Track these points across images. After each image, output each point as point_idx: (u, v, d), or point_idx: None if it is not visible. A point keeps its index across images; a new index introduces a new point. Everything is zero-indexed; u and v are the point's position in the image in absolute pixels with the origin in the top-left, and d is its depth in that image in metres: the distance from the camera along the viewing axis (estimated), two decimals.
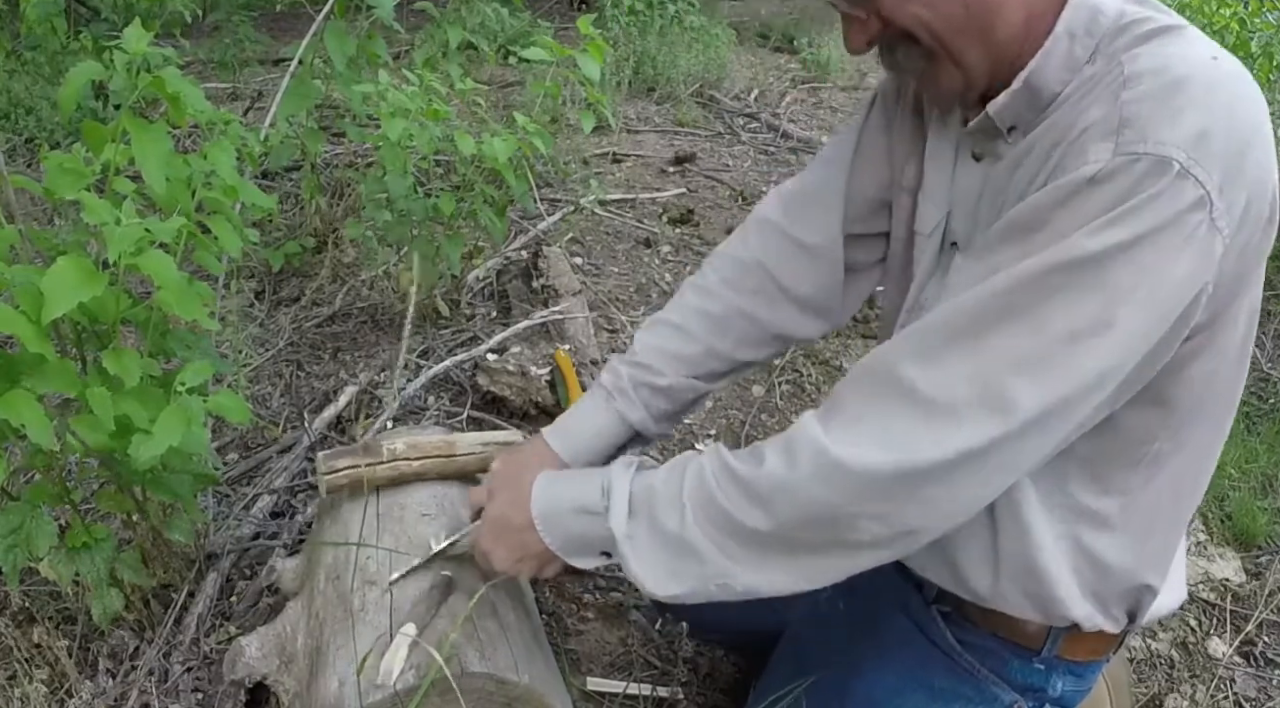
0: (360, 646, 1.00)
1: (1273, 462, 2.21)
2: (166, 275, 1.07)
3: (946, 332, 0.79)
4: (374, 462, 1.22)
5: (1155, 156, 0.71)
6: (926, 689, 1.04)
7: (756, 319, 1.17)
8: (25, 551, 1.17)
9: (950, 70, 0.85)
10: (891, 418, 0.79)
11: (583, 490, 0.96)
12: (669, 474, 0.92)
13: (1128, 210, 0.72)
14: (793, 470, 0.82)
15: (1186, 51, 0.77)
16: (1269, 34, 4.42)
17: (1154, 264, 0.73)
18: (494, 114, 3.08)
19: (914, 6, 0.81)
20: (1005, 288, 0.76)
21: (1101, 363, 0.76)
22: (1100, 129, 0.75)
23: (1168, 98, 0.73)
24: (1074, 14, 0.82)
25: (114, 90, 1.38)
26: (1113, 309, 0.74)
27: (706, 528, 0.87)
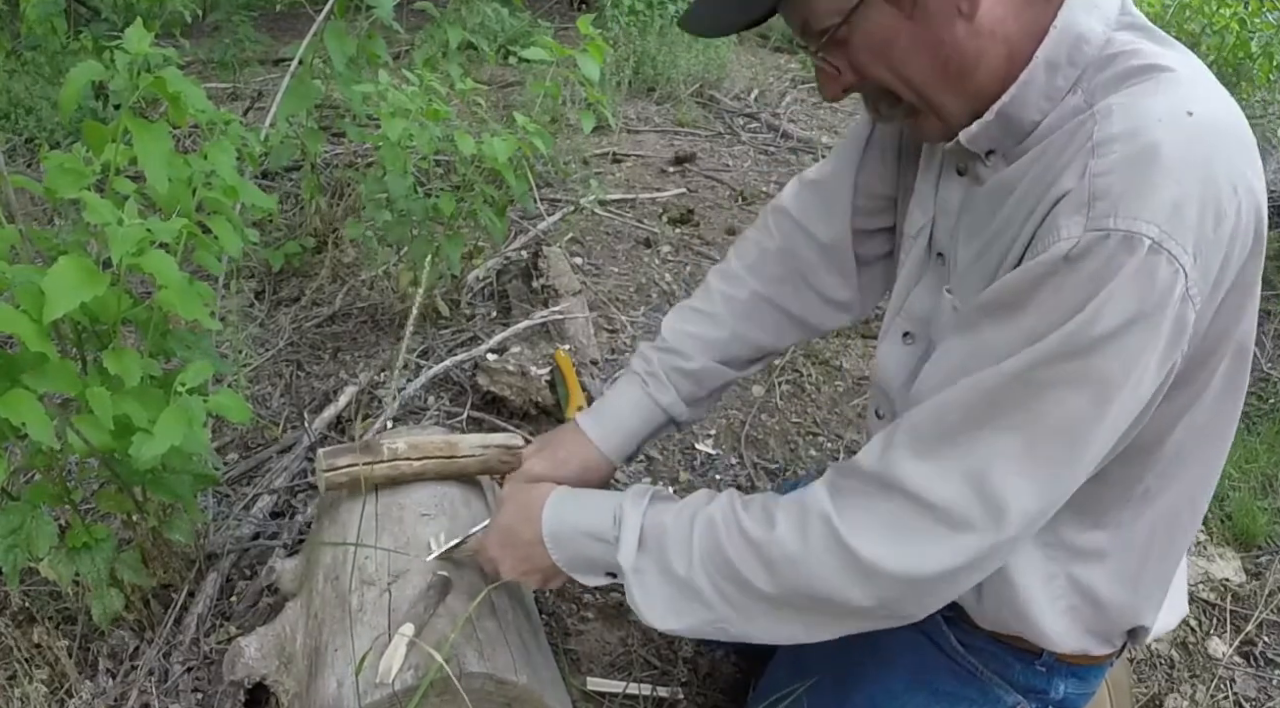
0: (359, 646, 1.00)
1: (1273, 462, 2.21)
2: (168, 275, 1.07)
3: (941, 429, 0.79)
4: (374, 461, 1.22)
5: (1125, 233, 0.70)
6: (929, 691, 1.04)
7: (781, 306, 1.19)
8: (25, 551, 1.17)
9: (932, 119, 0.85)
10: (896, 516, 0.79)
11: (594, 516, 0.96)
12: (680, 516, 0.92)
13: (1104, 296, 0.70)
14: (803, 545, 0.83)
15: (1161, 108, 0.73)
16: (1269, 34, 4.42)
17: (1138, 349, 0.72)
18: (494, 114, 3.08)
19: (887, 59, 0.80)
20: (995, 385, 0.76)
21: (1093, 451, 0.76)
22: (1072, 201, 0.73)
23: (1138, 169, 0.71)
24: (1055, 44, 0.79)
25: (114, 90, 1.38)
26: (1103, 401, 0.74)
27: (713, 576, 0.88)
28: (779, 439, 2.17)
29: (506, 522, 1.03)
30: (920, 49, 0.79)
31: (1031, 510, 0.77)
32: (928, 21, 0.78)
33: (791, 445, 2.16)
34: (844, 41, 0.81)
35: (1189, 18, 4.75)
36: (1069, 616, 0.94)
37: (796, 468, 2.09)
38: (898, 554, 0.79)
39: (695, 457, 2.08)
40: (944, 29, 0.78)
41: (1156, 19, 4.77)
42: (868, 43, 0.80)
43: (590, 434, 1.15)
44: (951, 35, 0.78)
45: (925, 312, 0.98)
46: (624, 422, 1.16)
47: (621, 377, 1.20)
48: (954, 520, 0.77)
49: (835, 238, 1.14)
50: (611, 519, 0.95)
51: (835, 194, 1.13)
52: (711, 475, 2.04)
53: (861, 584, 0.81)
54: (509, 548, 1.02)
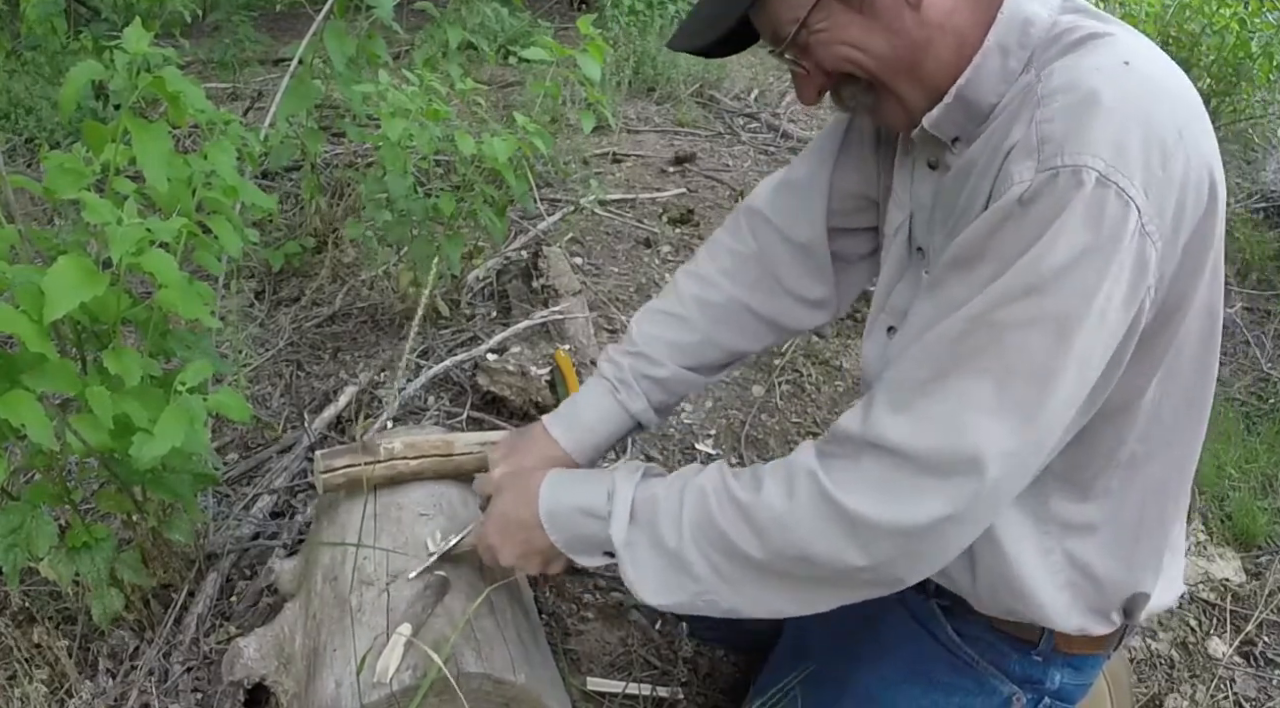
0: (358, 646, 1.01)
1: (1273, 462, 2.21)
2: (168, 275, 1.07)
3: (913, 382, 0.81)
4: (372, 461, 1.22)
5: (1072, 166, 0.73)
6: (925, 681, 1.04)
7: (755, 311, 1.19)
8: (25, 551, 1.18)
9: (890, 103, 0.88)
10: (882, 472, 0.81)
11: (588, 493, 0.97)
12: (671, 487, 0.93)
13: (1055, 230, 0.73)
14: (790, 503, 0.84)
15: (1100, 61, 0.78)
16: (1269, 34, 4.42)
17: (1095, 282, 0.74)
18: (494, 114, 3.08)
19: (843, 49, 0.85)
20: (959, 331, 0.78)
21: (1063, 392, 0.77)
22: (1021, 149, 0.77)
23: (1080, 110, 0.75)
24: (1004, 28, 0.83)
25: (114, 90, 1.38)
26: (1065, 336, 0.75)
27: (703, 546, 0.89)
28: (779, 439, 2.17)
29: (503, 507, 1.03)
30: (872, 39, 0.84)
31: (1009, 453, 0.78)
32: (876, 15, 0.83)
33: (791, 445, 2.16)
34: (805, 44, 0.86)
35: (1189, 18, 4.74)
36: (1069, 591, 0.95)
37: None
38: (885, 507, 0.80)
39: (695, 457, 2.08)
40: (893, 20, 0.83)
41: (1156, 19, 4.77)
42: (825, 40, 0.85)
43: (561, 441, 1.14)
44: (900, 25, 0.83)
45: (908, 306, 0.98)
46: (593, 429, 1.15)
47: (590, 381, 1.19)
48: (935, 469, 0.78)
49: (812, 239, 1.15)
50: (605, 496, 0.95)
51: (811, 195, 1.14)
52: None
53: (850, 540, 0.81)
54: (508, 533, 1.02)
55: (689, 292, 1.20)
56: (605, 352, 1.21)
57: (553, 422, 1.16)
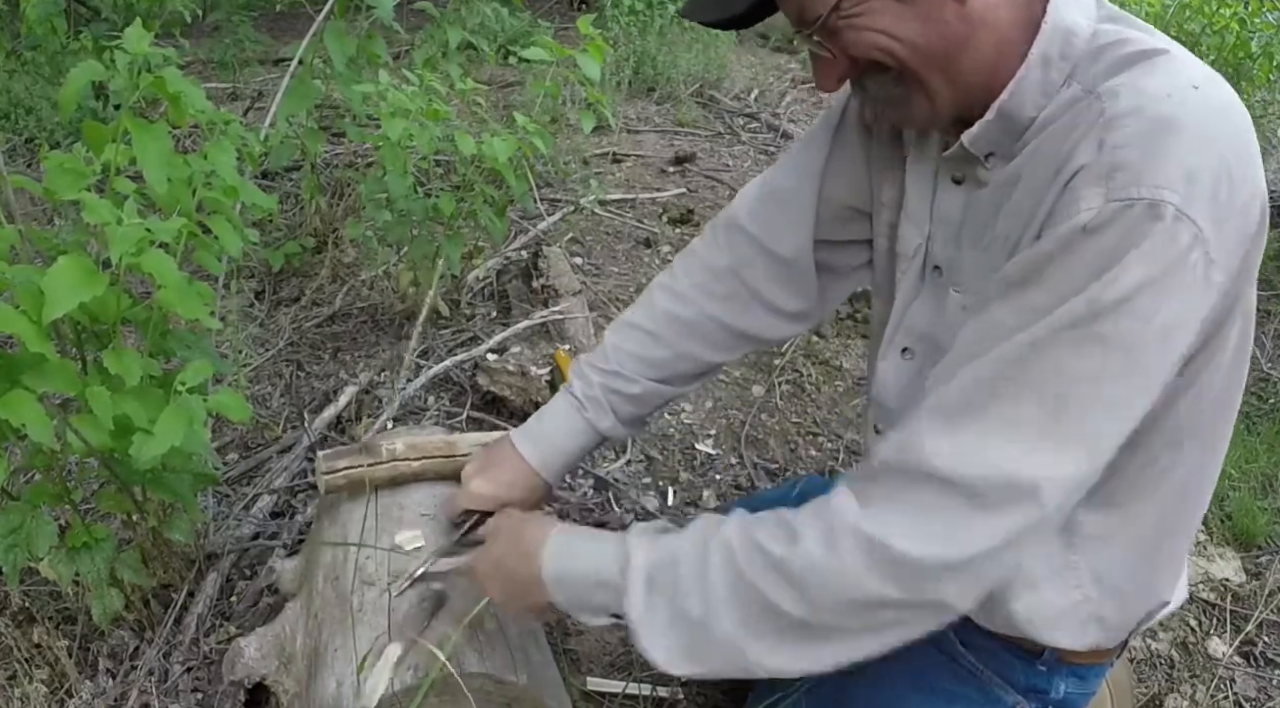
0: (359, 647, 1.00)
1: (1273, 462, 2.21)
2: (168, 275, 1.07)
3: (965, 407, 0.77)
4: (373, 462, 1.22)
5: (1149, 201, 0.70)
6: (928, 690, 1.03)
7: (728, 325, 1.16)
8: (25, 551, 1.17)
9: (919, 98, 0.84)
10: (926, 503, 0.77)
11: (599, 561, 0.91)
12: (692, 546, 0.87)
13: (1128, 261, 0.71)
14: (832, 553, 0.78)
15: (1168, 84, 0.75)
16: (1269, 34, 4.42)
17: (1158, 310, 0.72)
18: (494, 114, 3.08)
19: (875, 37, 0.80)
20: (1016, 356, 0.75)
21: (1121, 417, 0.75)
22: (1090, 174, 0.73)
23: (1155, 139, 0.72)
24: (1048, 40, 0.80)
25: (114, 90, 1.38)
26: (1128, 364, 0.73)
27: (735, 609, 0.82)
28: (779, 439, 2.17)
29: (500, 555, 0.99)
30: (909, 29, 0.79)
31: (1067, 479, 0.75)
32: (916, 3, 0.79)
33: (791, 445, 2.16)
34: (835, 28, 0.81)
35: (1189, 18, 4.75)
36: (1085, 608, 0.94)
37: (796, 468, 2.09)
38: (931, 541, 0.75)
39: (695, 457, 2.08)
40: (933, 10, 0.79)
41: (1156, 19, 4.77)
42: (858, 26, 0.80)
43: (528, 458, 1.13)
44: (941, 16, 0.79)
45: (924, 326, 0.97)
46: (561, 447, 1.15)
47: (558, 396, 1.18)
48: (986, 499, 0.75)
49: (796, 252, 1.12)
50: (618, 567, 0.89)
51: (797, 207, 1.11)
52: (711, 475, 2.04)
53: (896, 580, 0.77)
54: (504, 583, 0.99)
55: (661, 306, 1.18)
56: (577, 363, 1.20)
57: (521, 438, 1.15)
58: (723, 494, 1.98)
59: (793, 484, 1.40)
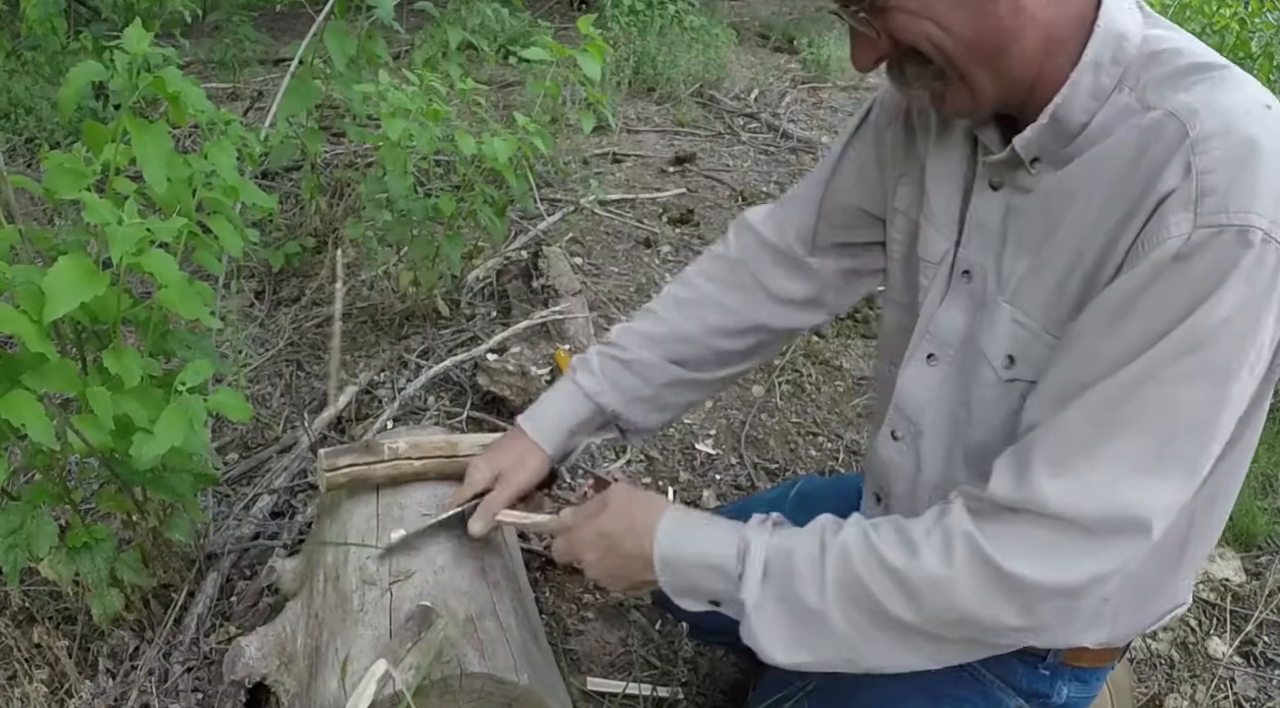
0: (359, 647, 1.00)
1: (1273, 462, 2.21)
2: (168, 275, 1.07)
3: (1072, 445, 0.78)
4: (374, 461, 1.22)
5: (1239, 227, 0.71)
6: (930, 694, 1.03)
7: (729, 308, 1.18)
8: (25, 550, 1.17)
9: (959, 90, 0.83)
10: (1043, 537, 0.79)
11: (716, 546, 0.93)
12: (808, 544, 0.89)
13: (1223, 289, 0.71)
14: (949, 568, 0.81)
15: (1243, 101, 0.75)
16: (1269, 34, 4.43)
17: (1252, 331, 0.73)
18: (494, 114, 3.08)
19: (926, 26, 0.79)
20: (1119, 392, 0.76)
21: (1220, 434, 0.77)
22: (1179, 199, 0.73)
23: (1242, 163, 0.72)
24: (1101, 43, 0.80)
25: (114, 90, 1.38)
26: (1224, 387, 0.74)
27: (847, 609, 0.85)
28: (779, 439, 2.17)
29: (610, 528, 0.99)
30: (960, 18, 0.78)
31: (1172, 507, 0.78)
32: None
33: (791, 445, 2.16)
34: (885, 8, 0.80)
35: (1189, 18, 4.75)
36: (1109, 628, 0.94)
37: (796, 468, 2.09)
38: (1047, 570, 0.79)
39: (695, 457, 2.08)
40: (986, 2, 0.77)
41: None
42: (910, 9, 0.79)
43: (526, 428, 1.16)
44: (994, 8, 0.77)
45: (951, 332, 0.97)
46: (553, 412, 1.17)
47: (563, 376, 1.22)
48: (1100, 533, 0.78)
49: (789, 243, 1.15)
50: (735, 552, 0.91)
51: (798, 211, 1.15)
52: (711, 475, 2.04)
53: (1010, 599, 0.80)
54: (607, 555, 0.99)
55: (666, 291, 1.24)
56: None
57: (523, 416, 1.19)
58: (723, 494, 1.98)
59: (790, 485, 1.40)
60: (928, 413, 0.99)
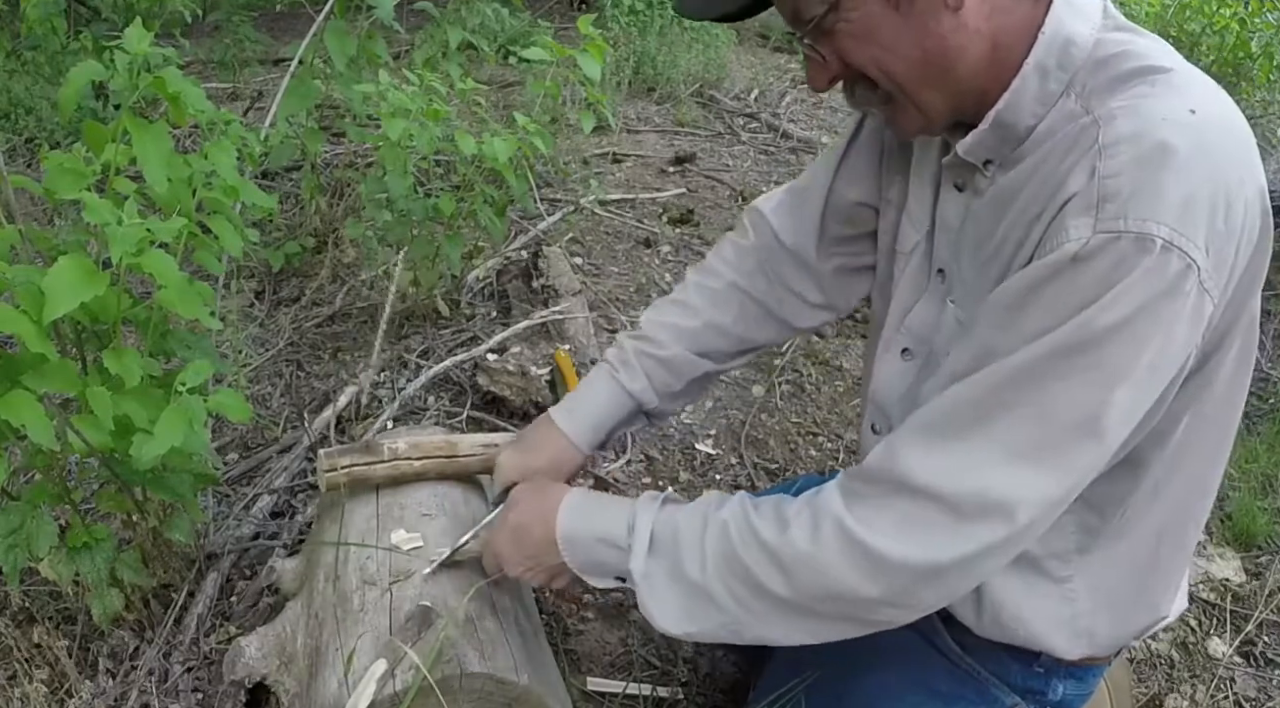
0: (359, 646, 1.00)
1: (1273, 462, 2.21)
2: (168, 275, 1.07)
3: (951, 424, 0.80)
4: (374, 461, 1.22)
5: (1136, 234, 0.70)
6: (926, 691, 1.03)
7: (757, 299, 1.19)
8: (25, 550, 1.17)
9: (910, 111, 0.84)
10: (908, 511, 0.80)
11: (608, 522, 0.97)
12: (692, 518, 0.93)
13: (1116, 293, 0.71)
14: (816, 545, 0.83)
15: (1165, 108, 0.74)
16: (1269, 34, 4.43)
17: (1147, 338, 0.73)
18: (494, 114, 3.08)
19: (871, 49, 0.80)
20: (1002, 380, 0.77)
21: (1106, 439, 0.77)
22: (1080, 203, 0.74)
23: (1147, 169, 0.72)
24: (1045, 49, 0.80)
25: (114, 90, 1.38)
26: (1110, 390, 0.74)
27: (728, 580, 0.88)
28: (779, 439, 2.17)
29: (519, 520, 1.03)
30: (904, 40, 0.79)
31: (1042, 501, 0.78)
32: (913, 13, 0.78)
33: (791, 445, 2.16)
34: (831, 31, 0.81)
35: (1189, 18, 4.75)
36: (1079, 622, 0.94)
37: (796, 468, 2.09)
38: (911, 547, 0.80)
39: (695, 457, 2.08)
40: (929, 21, 0.78)
41: (1156, 19, 4.77)
42: (853, 31, 0.80)
43: (561, 425, 1.16)
44: (937, 27, 0.78)
45: (925, 328, 0.98)
46: (594, 410, 1.17)
47: (596, 367, 1.21)
48: (966, 513, 0.78)
49: (799, 244, 1.15)
50: (625, 526, 0.95)
51: (807, 201, 1.15)
52: (711, 475, 2.04)
53: (875, 577, 0.81)
54: (519, 546, 1.03)
55: (692, 280, 1.23)
56: (619, 336, 1.23)
57: (556, 409, 1.18)
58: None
59: (790, 485, 1.40)
60: (897, 410, 1.00)
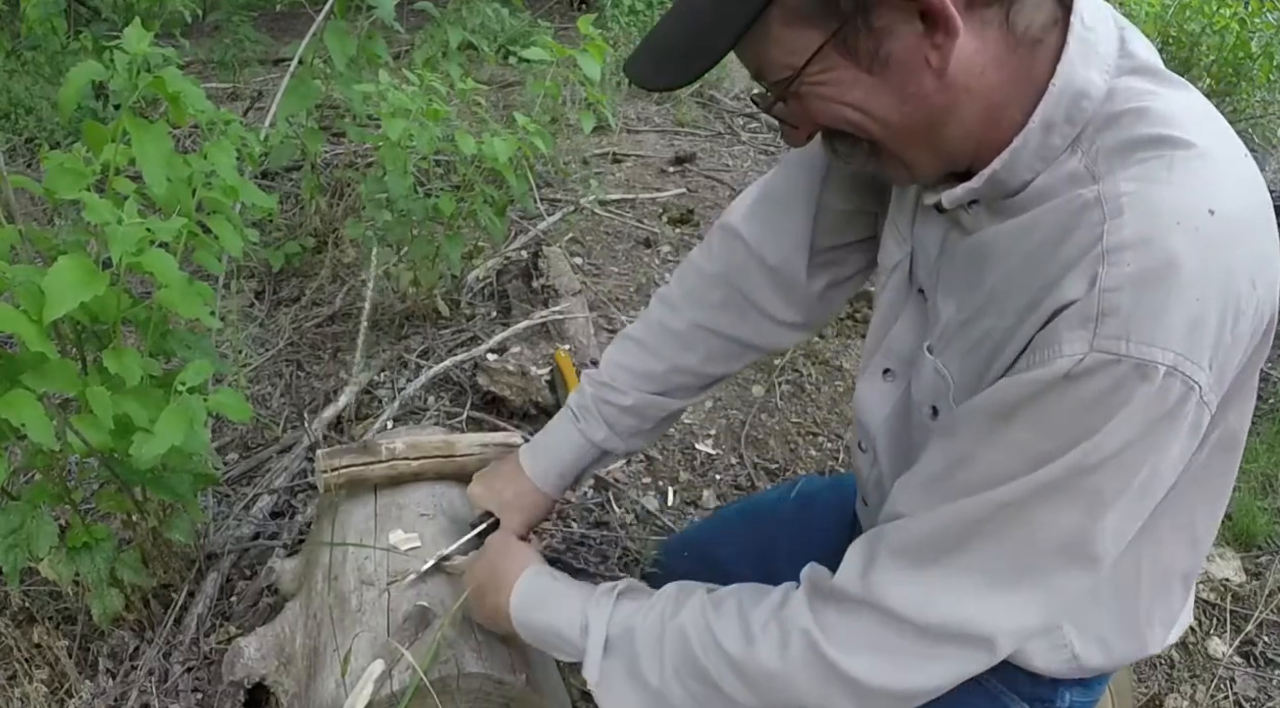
0: (357, 646, 1.01)
1: (1273, 462, 2.21)
2: (168, 275, 1.07)
3: (926, 551, 0.75)
4: (372, 461, 1.22)
5: (1137, 361, 0.64)
6: (933, 699, 1.03)
7: (722, 334, 1.12)
8: (25, 550, 1.18)
9: (895, 166, 0.78)
10: (884, 637, 0.77)
11: (560, 616, 0.94)
12: (649, 623, 0.89)
13: (1114, 424, 0.66)
14: (784, 663, 0.80)
15: (1180, 204, 0.65)
16: (1269, 34, 4.43)
17: (1141, 463, 0.68)
18: (494, 114, 3.08)
19: (844, 111, 0.73)
20: (985, 510, 0.72)
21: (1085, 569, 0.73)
22: (1077, 314, 0.66)
23: (1154, 287, 0.64)
24: (1054, 103, 0.70)
25: (114, 90, 1.38)
26: (1100, 517, 0.70)
27: (687, 683, 0.85)
28: (779, 439, 2.17)
29: (482, 577, 1.02)
30: (880, 103, 0.71)
31: (1025, 630, 0.76)
32: (889, 76, 0.70)
33: (791, 445, 2.16)
34: (798, 94, 0.74)
35: (1189, 18, 4.75)
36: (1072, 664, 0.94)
37: (796, 468, 2.09)
38: (886, 673, 0.77)
39: (695, 457, 2.08)
40: (909, 84, 0.70)
41: (1156, 19, 4.77)
42: (822, 95, 0.73)
43: (527, 471, 1.13)
44: (918, 90, 0.70)
45: (905, 348, 0.92)
46: (557, 458, 1.14)
47: (561, 411, 1.18)
48: (940, 641, 0.75)
49: (784, 260, 1.06)
50: (579, 626, 0.92)
51: (790, 212, 1.04)
52: (711, 475, 2.04)
53: (846, 698, 0.79)
54: (480, 601, 1.01)
55: (655, 316, 1.15)
56: (584, 373, 1.18)
57: (524, 450, 1.16)
58: (722, 494, 1.98)
59: (790, 485, 1.40)
60: (881, 434, 0.96)
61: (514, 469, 1.14)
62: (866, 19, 0.68)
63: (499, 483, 1.14)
